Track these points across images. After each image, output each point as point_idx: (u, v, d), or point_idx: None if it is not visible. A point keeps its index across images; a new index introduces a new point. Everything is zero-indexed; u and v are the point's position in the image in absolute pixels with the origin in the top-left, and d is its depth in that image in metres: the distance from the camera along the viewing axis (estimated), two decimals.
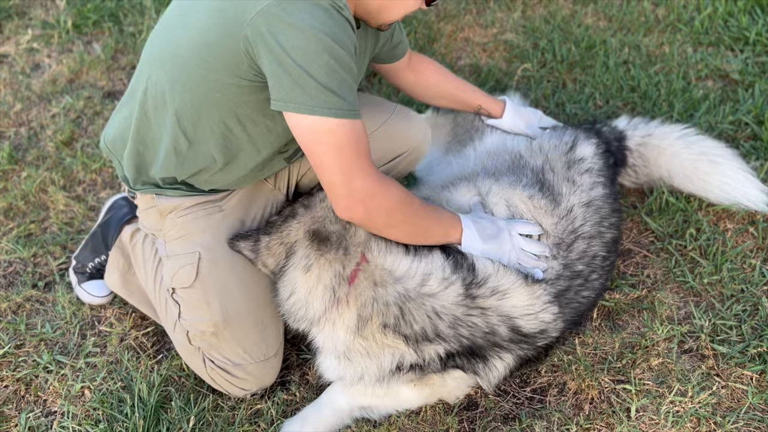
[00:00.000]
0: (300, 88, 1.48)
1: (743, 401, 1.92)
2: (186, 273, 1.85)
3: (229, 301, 1.85)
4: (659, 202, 2.42)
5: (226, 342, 1.87)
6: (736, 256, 2.26)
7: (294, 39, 1.45)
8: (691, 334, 2.09)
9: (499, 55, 3.07)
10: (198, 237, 1.87)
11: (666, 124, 2.43)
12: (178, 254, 1.87)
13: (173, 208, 1.88)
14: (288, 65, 1.47)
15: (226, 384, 1.91)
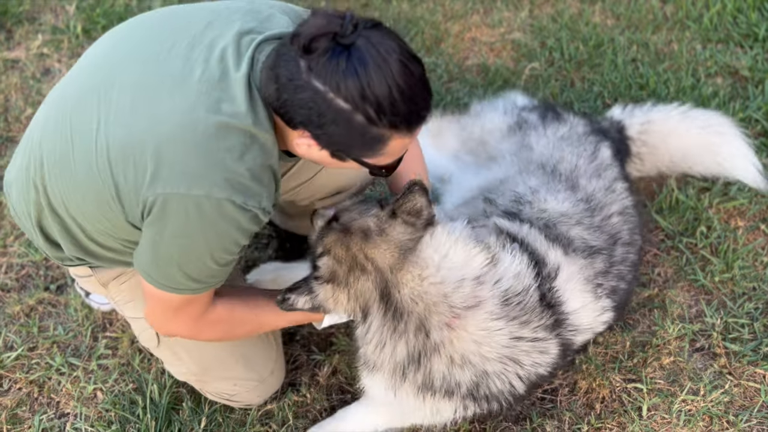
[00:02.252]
0: (159, 270, 1.42)
1: (756, 399, 1.91)
2: (147, 337, 1.80)
3: (200, 352, 1.80)
4: (669, 200, 2.41)
5: (213, 382, 1.85)
6: (748, 253, 2.24)
7: (182, 237, 1.35)
8: (703, 332, 2.08)
9: (506, 55, 3.07)
10: None
11: (659, 105, 2.43)
12: (133, 318, 1.80)
13: (114, 276, 1.74)
14: (162, 249, 1.39)
15: (230, 403, 1.92)
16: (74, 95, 1.46)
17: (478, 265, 1.59)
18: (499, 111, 2.34)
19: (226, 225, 1.35)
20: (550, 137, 2.16)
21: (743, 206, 2.38)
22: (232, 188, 1.32)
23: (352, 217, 1.62)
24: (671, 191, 2.42)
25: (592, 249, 1.83)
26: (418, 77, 1.28)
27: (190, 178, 1.31)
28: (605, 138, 2.20)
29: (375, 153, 1.35)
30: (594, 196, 1.97)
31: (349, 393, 2.02)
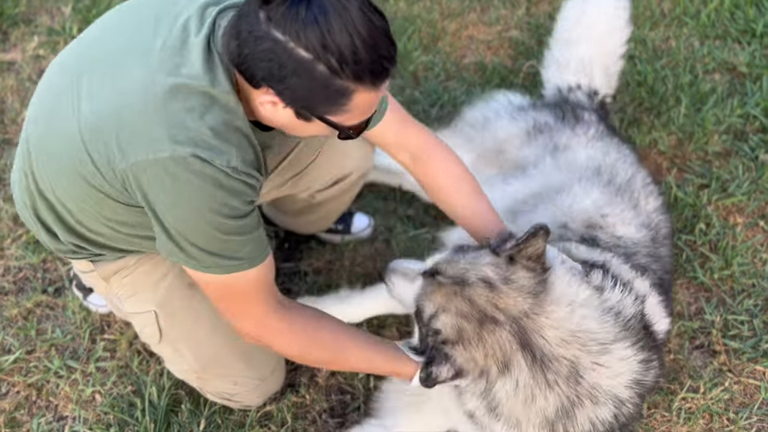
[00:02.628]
0: (180, 249, 1.39)
1: (756, 397, 1.91)
2: (150, 332, 1.77)
3: (202, 349, 1.77)
4: (668, 198, 2.41)
5: (214, 381, 1.83)
6: (747, 250, 2.24)
7: (170, 206, 1.33)
8: (702, 329, 2.07)
9: (504, 53, 3.06)
10: (149, 294, 1.71)
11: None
12: (135, 314, 1.76)
13: (114, 270, 1.70)
14: (167, 227, 1.37)
15: (230, 404, 1.91)
16: (54, 82, 1.48)
17: (605, 297, 1.52)
18: (505, 117, 2.30)
19: (201, 182, 1.30)
20: (582, 137, 2.15)
21: (742, 203, 2.38)
22: (195, 145, 1.29)
23: (461, 269, 1.48)
24: (669, 189, 2.42)
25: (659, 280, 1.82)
26: (381, 28, 1.24)
27: (153, 142, 1.29)
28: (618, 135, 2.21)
29: (340, 109, 1.29)
30: (652, 220, 1.96)
31: (349, 393, 2.01)
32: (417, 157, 1.72)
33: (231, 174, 1.33)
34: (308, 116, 1.32)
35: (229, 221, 1.36)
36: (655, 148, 2.60)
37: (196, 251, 1.38)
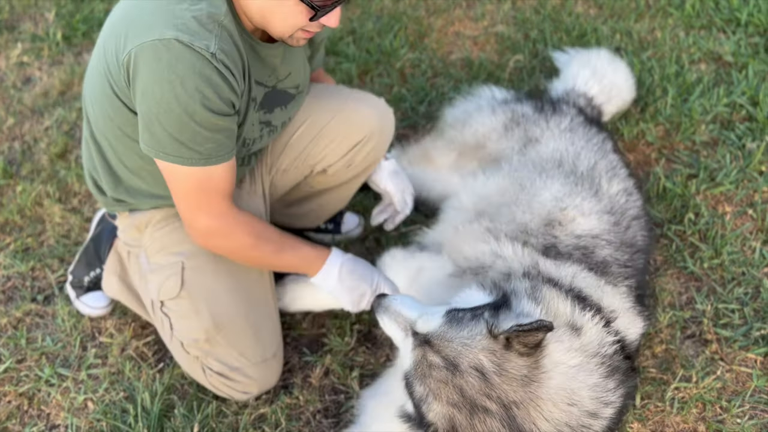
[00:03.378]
0: (149, 132, 1.54)
1: (748, 384, 1.91)
2: (172, 284, 1.85)
3: (218, 307, 1.84)
4: (657, 189, 2.41)
5: (221, 347, 1.86)
6: (736, 239, 2.25)
7: (151, 86, 1.47)
8: (694, 319, 2.08)
9: (490, 48, 3.06)
10: (179, 247, 1.86)
11: (594, 54, 2.62)
12: (161, 266, 1.87)
13: (148, 221, 1.89)
14: (144, 108, 1.51)
15: (227, 389, 1.90)
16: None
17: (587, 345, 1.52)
18: (486, 111, 2.31)
19: (179, 64, 1.44)
20: (554, 129, 2.15)
21: (730, 192, 2.38)
22: (178, 29, 1.44)
23: (455, 351, 1.43)
24: (658, 179, 2.42)
25: (625, 271, 1.82)
26: None
27: (146, 29, 1.46)
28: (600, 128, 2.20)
29: None
30: (615, 203, 1.96)
31: (342, 393, 2.01)
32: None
33: (209, 60, 1.46)
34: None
35: (201, 110, 1.49)
36: (643, 139, 2.60)
37: (167, 138, 1.52)
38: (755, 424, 1.83)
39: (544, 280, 1.66)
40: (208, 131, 1.53)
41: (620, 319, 1.68)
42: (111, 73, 1.57)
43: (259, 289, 1.92)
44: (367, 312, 2.16)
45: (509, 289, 1.57)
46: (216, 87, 1.48)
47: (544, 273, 1.71)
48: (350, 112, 1.98)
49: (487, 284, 1.61)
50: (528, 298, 1.55)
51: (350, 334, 2.12)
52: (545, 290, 1.59)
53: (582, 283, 1.70)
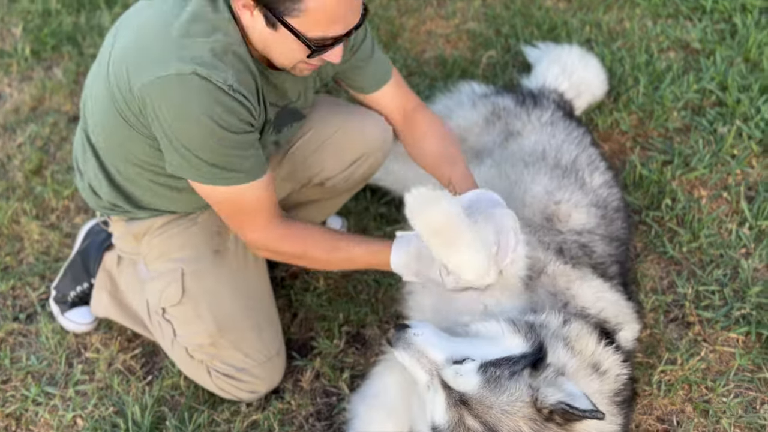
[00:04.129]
0: (187, 162, 1.57)
1: (731, 363, 1.95)
2: (173, 291, 1.86)
3: (221, 310, 1.86)
4: (633, 176, 2.45)
5: (225, 350, 1.87)
6: (712, 222, 2.29)
7: (175, 119, 1.51)
8: (676, 302, 2.11)
9: (463, 45, 3.08)
10: (177, 253, 1.87)
11: (565, 50, 2.66)
12: (161, 273, 1.87)
13: (146, 229, 1.89)
14: (175, 143, 1.54)
15: (234, 390, 1.91)
16: (103, 47, 1.72)
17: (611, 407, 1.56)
18: (467, 106, 2.33)
19: (201, 97, 1.47)
20: (535, 123, 2.17)
21: (704, 176, 2.43)
22: (195, 63, 1.47)
23: (495, 416, 1.39)
24: (634, 167, 2.46)
25: (620, 267, 1.86)
26: None
27: (161, 62, 1.48)
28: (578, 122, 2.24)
29: (295, 6, 1.41)
30: (599, 196, 1.99)
31: (334, 395, 2.01)
32: (407, 117, 1.94)
33: (227, 91, 1.49)
34: (273, 20, 1.46)
35: (228, 134, 1.53)
36: (617, 128, 2.64)
37: (202, 164, 1.56)
38: (740, 402, 1.87)
39: (576, 310, 1.65)
40: (240, 150, 1.57)
41: (625, 330, 1.71)
42: (119, 99, 1.59)
43: (258, 287, 1.94)
44: (355, 313, 2.17)
45: (544, 336, 1.51)
46: (238, 113, 1.53)
47: (575, 299, 1.70)
48: (354, 127, 1.96)
49: (521, 326, 1.51)
50: (563, 346, 1.53)
51: (339, 336, 2.12)
52: (575, 328, 1.58)
53: (604, 306, 1.71)
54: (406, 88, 1.97)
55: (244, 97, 1.53)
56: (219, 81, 1.48)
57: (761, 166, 2.43)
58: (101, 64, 1.66)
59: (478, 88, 2.47)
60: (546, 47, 2.82)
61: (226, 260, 1.88)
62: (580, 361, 1.53)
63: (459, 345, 1.48)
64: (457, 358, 1.44)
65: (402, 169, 2.31)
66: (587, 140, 2.21)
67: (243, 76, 1.54)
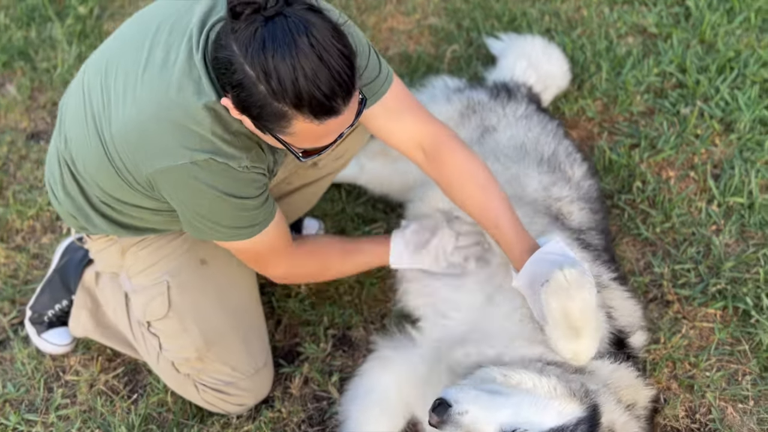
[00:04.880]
0: (210, 230, 1.59)
1: (711, 338, 2.00)
2: (158, 304, 1.82)
3: (208, 323, 1.83)
4: (603, 161, 2.49)
5: (213, 363, 1.84)
6: (682, 201, 2.34)
7: (200, 201, 1.52)
8: (654, 282, 2.16)
9: (425, 41, 3.09)
10: (162, 266, 1.83)
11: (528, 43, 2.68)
12: (145, 287, 1.83)
13: (135, 242, 1.84)
14: (195, 218, 1.57)
15: (222, 404, 1.88)
16: (87, 81, 1.63)
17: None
18: (440, 100, 2.32)
19: (220, 179, 1.49)
20: (510, 117, 2.18)
21: (671, 157, 2.48)
22: (210, 152, 1.46)
23: None
24: (603, 152, 2.50)
25: (612, 260, 1.91)
26: (331, 66, 1.28)
27: (172, 151, 1.46)
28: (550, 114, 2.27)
29: (283, 130, 1.37)
30: (582, 188, 2.02)
31: (324, 399, 2.00)
32: (429, 154, 1.72)
33: (244, 171, 1.51)
34: (262, 129, 1.40)
35: (249, 201, 1.55)
36: (584, 115, 2.68)
37: (226, 229, 1.59)
38: (723, 375, 1.92)
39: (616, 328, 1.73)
40: (257, 209, 1.60)
41: (636, 335, 1.78)
42: (122, 169, 1.56)
43: (245, 298, 1.92)
44: (339, 316, 2.16)
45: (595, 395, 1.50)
46: (255, 182, 1.56)
47: (616, 311, 1.75)
48: None
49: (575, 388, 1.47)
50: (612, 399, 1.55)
51: (325, 340, 2.11)
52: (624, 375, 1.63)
53: (625, 313, 1.77)
54: (420, 114, 1.72)
55: (258, 169, 1.55)
56: (235, 166, 1.49)
57: (724, 144, 2.49)
58: (88, 118, 1.59)
59: (451, 82, 2.47)
60: (509, 38, 2.84)
61: (212, 271, 1.85)
62: (623, 409, 1.55)
63: (506, 409, 1.41)
64: (507, 428, 1.39)
65: (378, 168, 2.30)
66: (561, 132, 2.24)
67: (255, 152, 1.54)
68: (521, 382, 1.46)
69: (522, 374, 1.47)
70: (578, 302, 1.47)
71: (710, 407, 1.87)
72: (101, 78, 1.58)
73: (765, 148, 2.43)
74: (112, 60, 1.57)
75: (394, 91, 1.68)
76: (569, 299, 1.47)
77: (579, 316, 1.49)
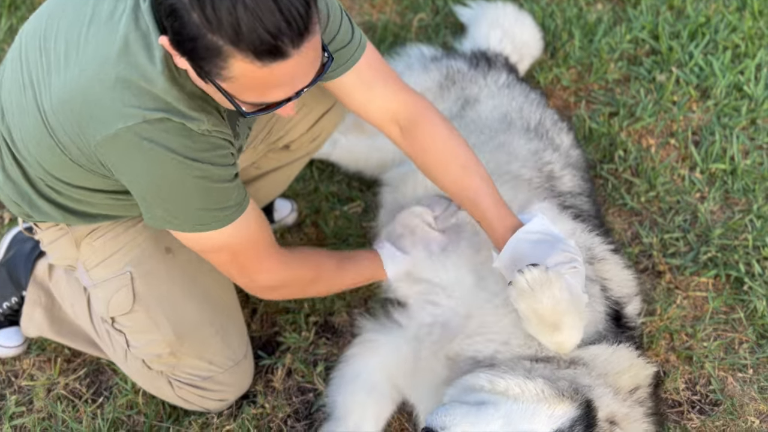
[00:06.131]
0: (171, 214, 1.38)
1: (705, 308, 1.96)
2: (122, 297, 1.64)
3: (179, 315, 1.66)
4: (583, 131, 2.42)
5: (187, 358, 1.69)
6: (665, 169, 2.30)
7: (155, 170, 1.31)
8: (643, 253, 2.10)
9: (390, 9, 2.94)
10: (123, 256, 1.64)
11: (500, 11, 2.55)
12: (105, 280, 1.64)
13: (89, 232, 1.63)
14: (153, 197, 1.36)
15: (200, 400, 1.73)
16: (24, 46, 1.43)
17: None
18: (417, 70, 2.20)
19: (179, 139, 1.28)
20: (492, 87, 2.07)
21: (650, 125, 2.43)
22: (165, 110, 1.27)
23: None
24: (583, 121, 2.43)
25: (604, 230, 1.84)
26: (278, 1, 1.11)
27: (122, 112, 1.26)
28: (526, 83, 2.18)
29: (220, 73, 1.18)
30: (571, 157, 1.95)
31: (310, 391, 1.87)
32: (405, 128, 1.60)
33: (205, 134, 1.31)
34: (202, 74, 1.22)
35: (216, 170, 1.34)
36: (559, 83, 2.60)
37: (192, 211, 1.37)
38: (720, 344, 1.89)
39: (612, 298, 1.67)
40: (230, 181, 1.38)
41: (631, 304, 1.72)
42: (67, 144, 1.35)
43: (218, 286, 1.74)
44: (320, 301, 2.02)
45: (588, 390, 1.45)
46: (222, 148, 1.35)
47: (611, 282, 1.69)
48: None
49: (563, 387, 1.42)
50: (609, 391, 1.50)
51: (306, 328, 1.97)
52: (624, 356, 1.58)
53: (621, 282, 1.73)
54: (396, 86, 1.59)
55: (220, 132, 1.35)
56: (193, 127, 1.29)
57: (701, 110, 2.46)
58: (26, 88, 1.39)
59: (427, 50, 2.35)
60: (478, 6, 2.73)
61: (180, 258, 1.67)
62: (625, 396, 1.50)
63: (496, 421, 1.36)
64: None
65: (352, 143, 2.17)
66: (544, 102, 2.16)
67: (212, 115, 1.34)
68: (508, 388, 1.42)
69: (508, 379, 1.42)
70: (546, 301, 1.42)
71: (710, 378, 1.83)
72: (40, 41, 1.37)
73: (742, 113, 2.41)
74: (53, 19, 1.37)
75: (368, 59, 1.55)
76: (536, 302, 1.43)
77: (551, 314, 1.45)
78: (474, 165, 1.60)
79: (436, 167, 1.61)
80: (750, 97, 2.44)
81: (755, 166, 2.27)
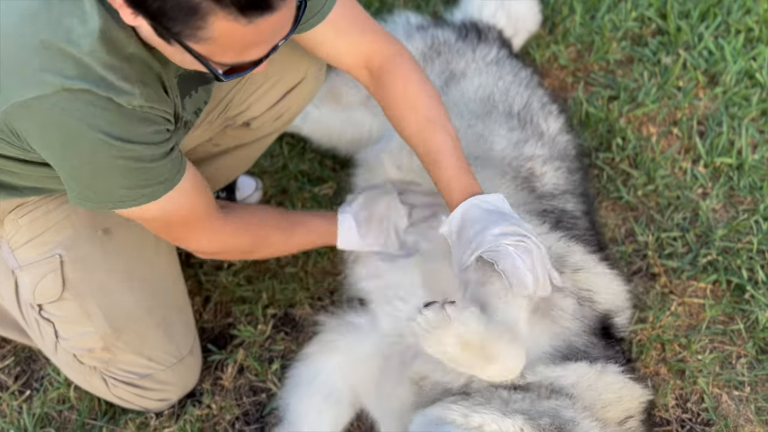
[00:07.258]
0: (95, 193, 1.25)
1: (702, 316, 1.80)
2: (50, 283, 1.47)
3: (114, 306, 1.50)
4: (579, 115, 2.22)
5: (123, 354, 1.53)
6: (666, 161, 2.11)
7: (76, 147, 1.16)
8: (637, 252, 1.93)
9: None
10: (53, 235, 1.47)
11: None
12: (33, 262, 1.47)
13: (14, 206, 1.45)
14: (74, 175, 1.22)
15: (138, 400, 1.58)
16: None
17: None
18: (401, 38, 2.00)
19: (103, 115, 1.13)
20: (480, 62, 1.88)
21: (652, 111, 2.24)
22: (89, 81, 1.11)
23: None
24: (580, 105, 2.23)
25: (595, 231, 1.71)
26: None
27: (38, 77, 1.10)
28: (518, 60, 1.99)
29: (196, 34, 1.02)
30: (558, 144, 1.79)
31: (263, 391, 1.70)
32: (375, 74, 1.47)
33: (135, 110, 1.16)
34: (166, 36, 1.03)
35: (144, 149, 1.19)
36: (556, 62, 2.40)
37: (118, 190, 1.24)
38: (716, 358, 1.72)
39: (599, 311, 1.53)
40: (161, 159, 1.24)
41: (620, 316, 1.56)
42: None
43: (162, 273, 1.58)
44: (281, 291, 1.84)
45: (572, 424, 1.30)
46: (154, 124, 1.20)
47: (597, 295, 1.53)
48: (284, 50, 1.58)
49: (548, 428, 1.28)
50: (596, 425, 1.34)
51: (263, 321, 1.80)
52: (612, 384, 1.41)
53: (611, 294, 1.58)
54: (368, 29, 1.48)
55: (155, 109, 1.19)
56: (123, 102, 1.14)
57: (708, 98, 2.27)
58: None
59: (414, 18, 2.16)
60: None
61: (118, 240, 1.50)
62: (613, 430, 1.35)
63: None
64: None
65: (326, 116, 1.97)
66: (535, 81, 1.97)
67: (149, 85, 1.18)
68: (483, 425, 1.27)
69: (484, 414, 1.27)
70: (452, 340, 1.27)
71: (703, 395, 1.67)
72: None
73: (752, 103, 2.21)
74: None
75: (343, 7, 1.41)
76: (441, 345, 1.28)
77: (465, 352, 1.28)
78: (441, 120, 1.46)
79: (401, 115, 1.48)
80: (762, 86, 2.25)
81: (764, 162, 2.09)
